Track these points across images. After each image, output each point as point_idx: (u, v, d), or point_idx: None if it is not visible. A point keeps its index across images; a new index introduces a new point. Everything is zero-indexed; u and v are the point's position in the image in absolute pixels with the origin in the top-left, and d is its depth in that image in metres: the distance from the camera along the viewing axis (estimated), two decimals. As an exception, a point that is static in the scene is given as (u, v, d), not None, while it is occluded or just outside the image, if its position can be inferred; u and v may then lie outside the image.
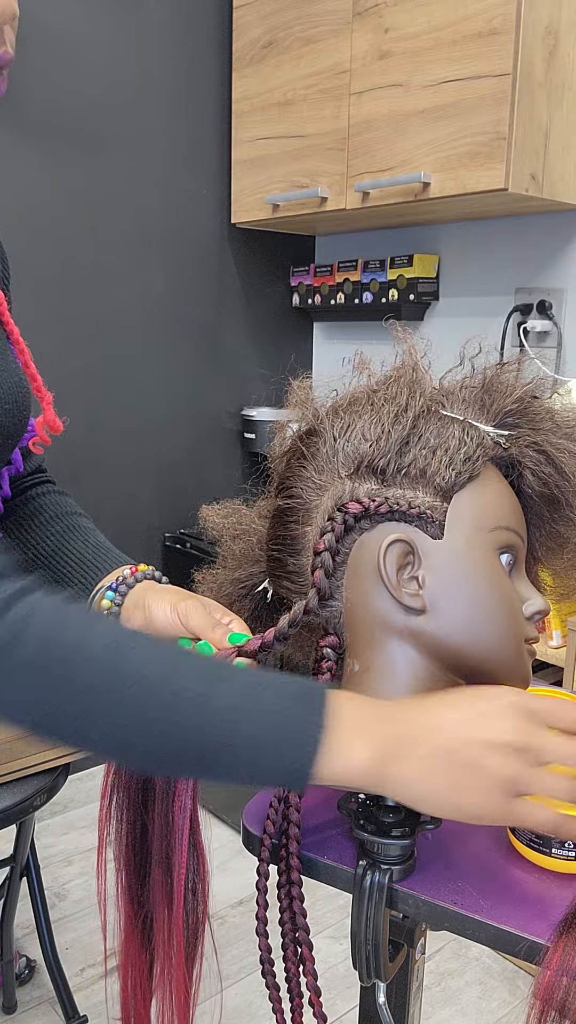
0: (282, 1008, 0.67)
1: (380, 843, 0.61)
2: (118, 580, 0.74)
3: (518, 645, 0.66)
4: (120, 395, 2.30)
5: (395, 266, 2.28)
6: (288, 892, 0.63)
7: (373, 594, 0.64)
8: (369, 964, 0.62)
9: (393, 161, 1.94)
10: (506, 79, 1.69)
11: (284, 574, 0.70)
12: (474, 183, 1.77)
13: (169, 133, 2.30)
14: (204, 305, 2.46)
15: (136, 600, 0.71)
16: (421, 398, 0.67)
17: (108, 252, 2.22)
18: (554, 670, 1.79)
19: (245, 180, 2.35)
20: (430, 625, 0.63)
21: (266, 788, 0.56)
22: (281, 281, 2.63)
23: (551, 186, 1.80)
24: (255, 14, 2.24)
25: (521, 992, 1.73)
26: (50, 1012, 1.66)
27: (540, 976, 0.53)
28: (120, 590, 0.73)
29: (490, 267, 2.19)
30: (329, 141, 2.09)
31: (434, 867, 0.63)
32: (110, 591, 0.73)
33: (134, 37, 2.19)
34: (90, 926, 1.91)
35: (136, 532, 2.41)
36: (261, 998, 1.69)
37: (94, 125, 2.15)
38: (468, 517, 0.64)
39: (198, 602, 0.68)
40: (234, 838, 2.14)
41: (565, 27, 1.75)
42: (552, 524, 0.73)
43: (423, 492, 0.64)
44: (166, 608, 0.68)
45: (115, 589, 0.73)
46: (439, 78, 1.81)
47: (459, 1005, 1.71)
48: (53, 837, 2.22)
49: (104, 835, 0.64)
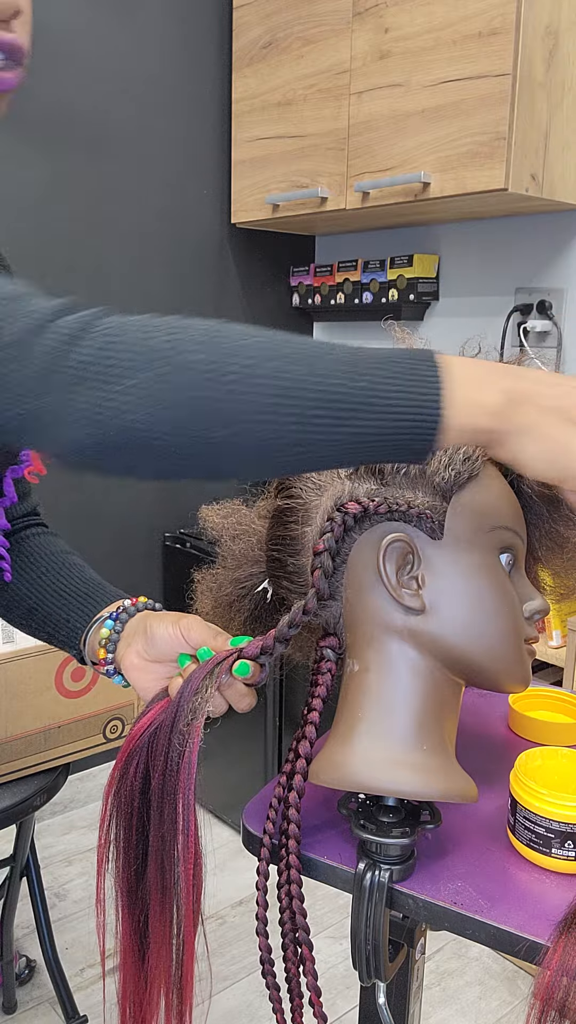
0: (282, 1008, 0.67)
1: (380, 843, 0.61)
2: (118, 609, 0.74)
3: (518, 645, 0.66)
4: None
5: (395, 266, 2.28)
6: (288, 892, 0.63)
7: (373, 594, 0.64)
8: (369, 964, 0.62)
9: (393, 161, 1.94)
10: (506, 79, 1.69)
11: (284, 574, 0.70)
12: (474, 183, 1.77)
13: (169, 133, 2.30)
14: (204, 305, 2.46)
15: (135, 626, 0.72)
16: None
17: (108, 252, 2.22)
18: (554, 670, 1.79)
19: (245, 180, 2.35)
20: (430, 625, 0.63)
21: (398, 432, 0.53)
22: (281, 281, 2.63)
23: (551, 186, 1.80)
24: (255, 14, 2.24)
25: (521, 992, 1.73)
26: (50, 1012, 1.66)
27: (540, 976, 0.53)
28: (120, 618, 0.73)
29: (490, 267, 2.19)
30: (329, 141, 2.09)
31: (434, 867, 0.63)
32: (109, 620, 0.74)
33: (134, 37, 2.19)
34: (90, 926, 1.91)
35: (136, 532, 2.41)
36: (261, 998, 1.69)
37: (94, 125, 2.15)
38: (468, 517, 0.64)
39: (199, 619, 0.69)
40: (234, 838, 2.14)
41: (565, 27, 1.75)
42: (552, 524, 0.73)
43: (422, 492, 0.64)
44: (167, 625, 0.68)
45: (115, 618, 0.73)
46: (439, 78, 1.81)
47: (459, 1005, 1.71)
48: (53, 837, 2.22)
49: (105, 834, 0.64)
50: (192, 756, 0.60)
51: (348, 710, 0.65)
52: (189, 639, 0.67)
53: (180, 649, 0.68)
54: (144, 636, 0.70)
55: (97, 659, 0.74)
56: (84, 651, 0.77)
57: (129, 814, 0.64)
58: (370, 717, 0.63)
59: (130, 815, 0.64)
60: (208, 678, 0.62)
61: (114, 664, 0.73)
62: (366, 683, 0.64)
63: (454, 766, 0.64)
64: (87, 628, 0.76)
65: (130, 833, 0.64)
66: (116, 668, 0.73)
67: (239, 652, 0.64)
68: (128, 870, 0.64)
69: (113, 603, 0.77)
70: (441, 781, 0.62)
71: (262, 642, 0.63)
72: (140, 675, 0.70)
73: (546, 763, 0.70)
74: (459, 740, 0.77)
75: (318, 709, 0.66)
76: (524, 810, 0.63)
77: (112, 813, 0.64)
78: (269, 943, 0.65)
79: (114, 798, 0.64)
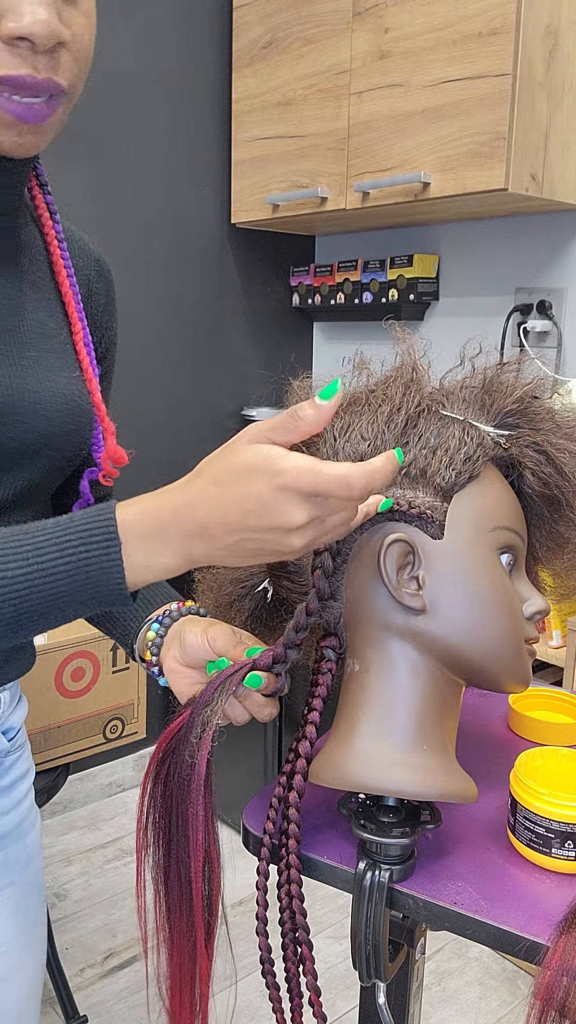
0: (282, 1008, 0.67)
1: (380, 843, 0.61)
2: (164, 613, 0.77)
3: (518, 645, 0.66)
4: (120, 394, 2.29)
5: (395, 266, 2.28)
6: (288, 892, 0.63)
7: (373, 594, 0.64)
8: (369, 964, 0.62)
9: (393, 161, 1.94)
10: (506, 79, 1.69)
11: (284, 574, 0.70)
12: (474, 183, 1.77)
13: (169, 133, 2.30)
14: (204, 305, 2.46)
15: (175, 631, 0.74)
16: (416, 397, 0.67)
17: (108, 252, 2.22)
18: (554, 670, 1.79)
19: (245, 180, 2.35)
20: (430, 625, 0.63)
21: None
22: (281, 281, 2.63)
23: (551, 186, 1.80)
24: (255, 14, 2.24)
25: (521, 992, 1.73)
26: (50, 1012, 1.66)
27: (540, 976, 0.53)
28: (164, 622, 0.76)
29: (490, 267, 2.19)
30: (329, 141, 2.09)
31: (434, 867, 0.63)
32: (156, 623, 0.76)
33: (134, 37, 2.19)
34: (90, 926, 1.92)
35: (136, 532, 2.41)
36: (261, 998, 1.69)
37: (94, 125, 2.15)
38: (468, 517, 0.64)
39: (228, 628, 0.70)
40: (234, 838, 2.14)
41: (565, 27, 1.75)
42: (552, 524, 0.73)
43: (423, 492, 0.64)
44: (197, 632, 0.70)
45: (160, 622, 0.76)
46: (439, 78, 1.81)
47: (459, 1005, 1.71)
48: (53, 837, 2.22)
49: (142, 831, 0.65)
50: (202, 767, 0.61)
51: (348, 710, 0.65)
52: (214, 647, 0.68)
53: (207, 656, 0.69)
54: (179, 642, 0.71)
55: (145, 660, 0.77)
56: (136, 650, 0.79)
57: (163, 811, 0.64)
58: (370, 717, 0.63)
59: (163, 813, 0.64)
60: (219, 691, 0.63)
61: (158, 666, 0.75)
62: (366, 683, 0.64)
63: (454, 766, 0.64)
64: (139, 628, 0.79)
65: (161, 830, 0.65)
66: (160, 670, 0.75)
67: (252, 664, 0.64)
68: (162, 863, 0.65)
69: (162, 606, 0.79)
70: (441, 781, 0.62)
71: (273, 652, 0.63)
72: (177, 679, 0.72)
73: (546, 763, 0.70)
74: (459, 740, 0.77)
75: (318, 709, 0.66)
76: (524, 810, 0.63)
77: (148, 809, 0.65)
78: (269, 943, 0.65)
79: (150, 796, 0.64)
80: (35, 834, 0.86)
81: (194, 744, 0.61)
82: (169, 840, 0.64)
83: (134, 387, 2.33)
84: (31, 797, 0.87)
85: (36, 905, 0.85)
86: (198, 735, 0.61)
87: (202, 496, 0.56)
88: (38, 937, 0.85)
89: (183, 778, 0.62)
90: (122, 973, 1.79)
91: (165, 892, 0.65)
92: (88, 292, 0.87)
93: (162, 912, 0.65)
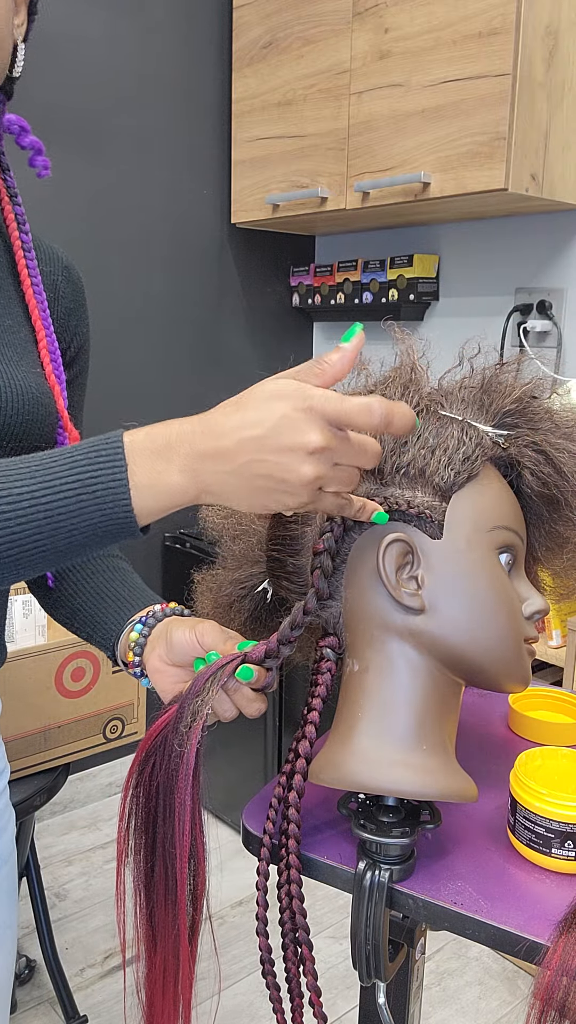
0: (282, 1008, 0.67)
1: (380, 843, 0.61)
2: (148, 614, 0.77)
3: (517, 645, 0.66)
4: (120, 394, 2.29)
5: (395, 266, 2.28)
6: (288, 892, 0.63)
7: (372, 594, 0.64)
8: (369, 964, 0.62)
9: (393, 161, 1.94)
10: (506, 79, 1.69)
11: (284, 574, 0.70)
12: (474, 183, 1.77)
13: (169, 133, 2.30)
14: (204, 305, 2.46)
15: (160, 631, 0.74)
16: (415, 397, 0.67)
17: (108, 252, 2.22)
18: (554, 670, 1.79)
19: (245, 180, 2.35)
20: (429, 625, 0.63)
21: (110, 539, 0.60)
22: (281, 281, 2.63)
23: (551, 186, 1.80)
24: (255, 14, 2.24)
25: (521, 992, 1.73)
26: (50, 1012, 1.66)
27: (540, 976, 0.53)
28: (148, 623, 0.76)
29: (490, 267, 2.19)
30: (329, 141, 2.09)
31: (434, 867, 0.63)
32: (139, 624, 0.76)
33: (134, 37, 2.19)
34: (90, 926, 1.92)
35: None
36: (261, 998, 1.69)
37: (94, 125, 2.15)
38: (467, 517, 0.64)
39: (216, 624, 0.70)
40: (234, 838, 2.14)
41: (565, 27, 1.75)
42: (551, 524, 0.73)
43: (422, 492, 0.64)
44: (185, 629, 0.70)
45: (144, 622, 0.76)
46: (439, 78, 1.81)
47: (459, 1005, 1.71)
48: (53, 837, 2.22)
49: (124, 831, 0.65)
50: (190, 757, 0.61)
51: (348, 710, 0.65)
52: (203, 644, 0.68)
53: (196, 653, 0.69)
54: (165, 641, 0.71)
55: (127, 661, 0.76)
56: (117, 653, 0.79)
57: (145, 812, 0.64)
58: (370, 717, 0.63)
59: (146, 813, 0.64)
60: (210, 681, 0.63)
61: (141, 667, 0.75)
62: (366, 683, 0.64)
63: (454, 766, 0.64)
64: (120, 631, 0.79)
65: (145, 831, 0.64)
66: (143, 671, 0.75)
67: (243, 656, 0.64)
68: (144, 866, 0.65)
69: (145, 608, 0.79)
70: (441, 781, 0.62)
71: (266, 646, 0.63)
72: (161, 678, 0.72)
73: (546, 763, 0.70)
74: (459, 740, 0.77)
75: (318, 709, 0.66)
76: (524, 810, 0.63)
77: (131, 811, 0.64)
78: (269, 943, 0.65)
79: (132, 797, 0.64)
80: (8, 836, 0.85)
81: (183, 733, 0.61)
82: (154, 833, 0.63)
83: (134, 387, 2.33)
84: (6, 796, 0.86)
85: (7, 908, 0.84)
86: (188, 725, 0.61)
87: (220, 417, 0.56)
88: (8, 939, 0.84)
89: (171, 769, 0.62)
90: (122, 973, 1.79)
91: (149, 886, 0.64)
92: (54, 296, 0.87)
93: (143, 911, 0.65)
